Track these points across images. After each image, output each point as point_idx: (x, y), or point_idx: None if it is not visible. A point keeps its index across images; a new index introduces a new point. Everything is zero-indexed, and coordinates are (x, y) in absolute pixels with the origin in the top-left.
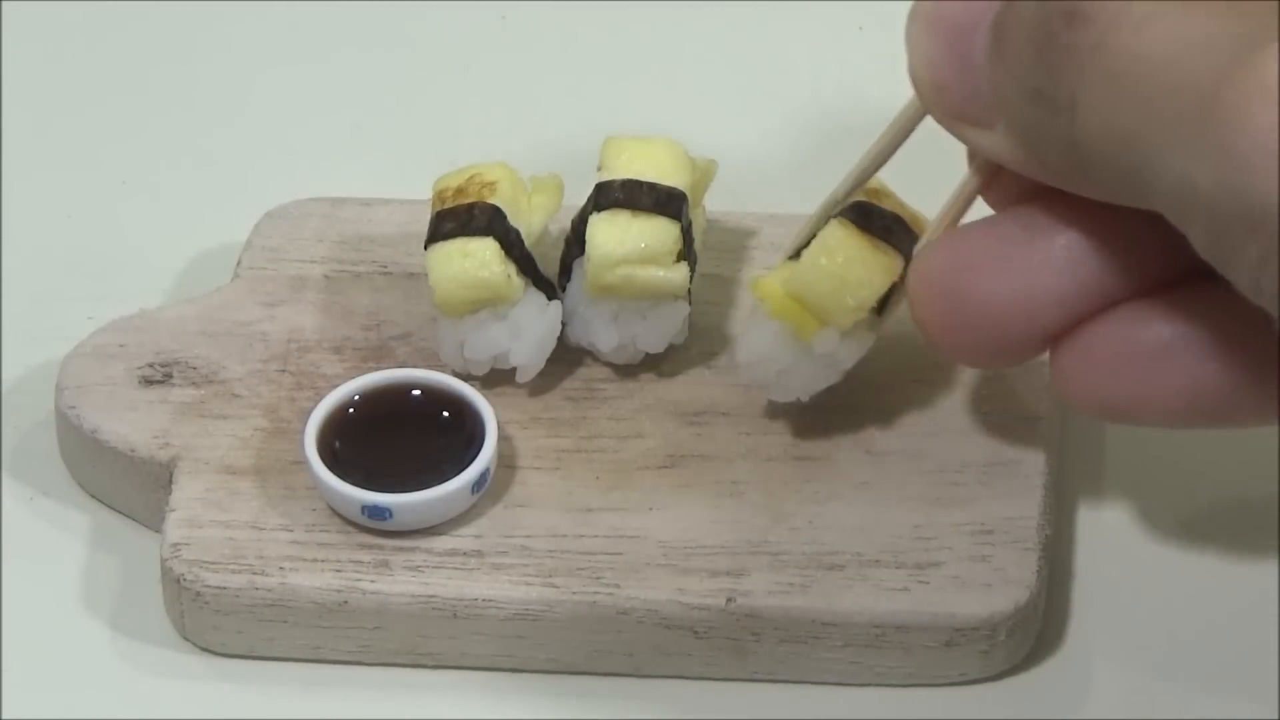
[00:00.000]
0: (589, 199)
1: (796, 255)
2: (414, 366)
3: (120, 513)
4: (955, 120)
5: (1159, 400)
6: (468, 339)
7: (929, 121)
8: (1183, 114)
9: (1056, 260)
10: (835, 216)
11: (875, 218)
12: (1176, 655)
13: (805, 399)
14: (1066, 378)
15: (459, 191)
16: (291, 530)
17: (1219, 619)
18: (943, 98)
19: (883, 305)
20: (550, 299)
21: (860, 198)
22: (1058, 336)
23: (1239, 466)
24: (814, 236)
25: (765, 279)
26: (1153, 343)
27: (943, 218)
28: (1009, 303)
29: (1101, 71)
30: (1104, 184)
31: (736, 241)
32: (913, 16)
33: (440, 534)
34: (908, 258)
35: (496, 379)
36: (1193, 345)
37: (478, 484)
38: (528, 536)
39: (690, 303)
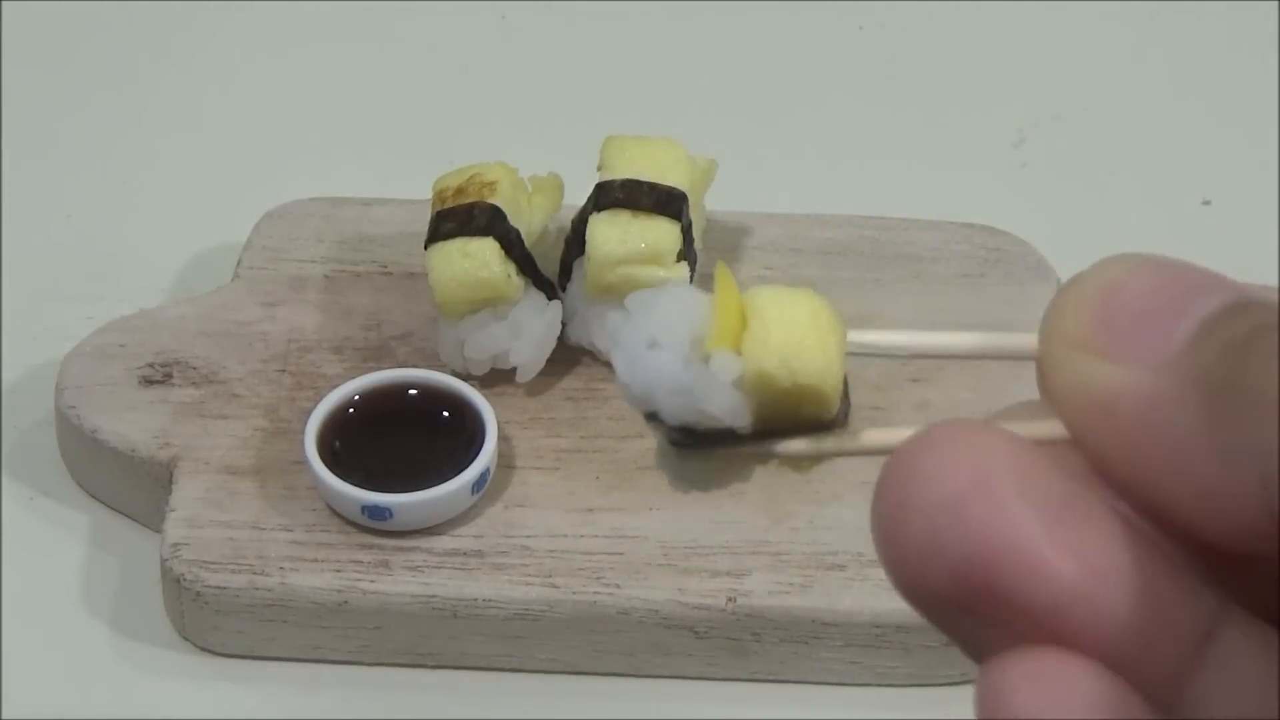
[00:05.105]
0: (589, 199)
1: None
2: (414, 366)
3: (120, 513)
4: (1077, 348)
5: None
6: (468, 339)
7: None
8: None
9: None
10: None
11: None
12: None
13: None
14: None
15: (459, 191)
16: (291, 530)
17: None
18: (1076, 327)
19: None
20: (550, 299)
21: None
22: None
23: None
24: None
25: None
26: None
27: None
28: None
29: None
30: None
31: (736, 241)
32: (1082, 283)
33: (440, 534)
34: None
35: (496, 379)
36: None
37: (478, 484)
38: (528, 536)
39: None
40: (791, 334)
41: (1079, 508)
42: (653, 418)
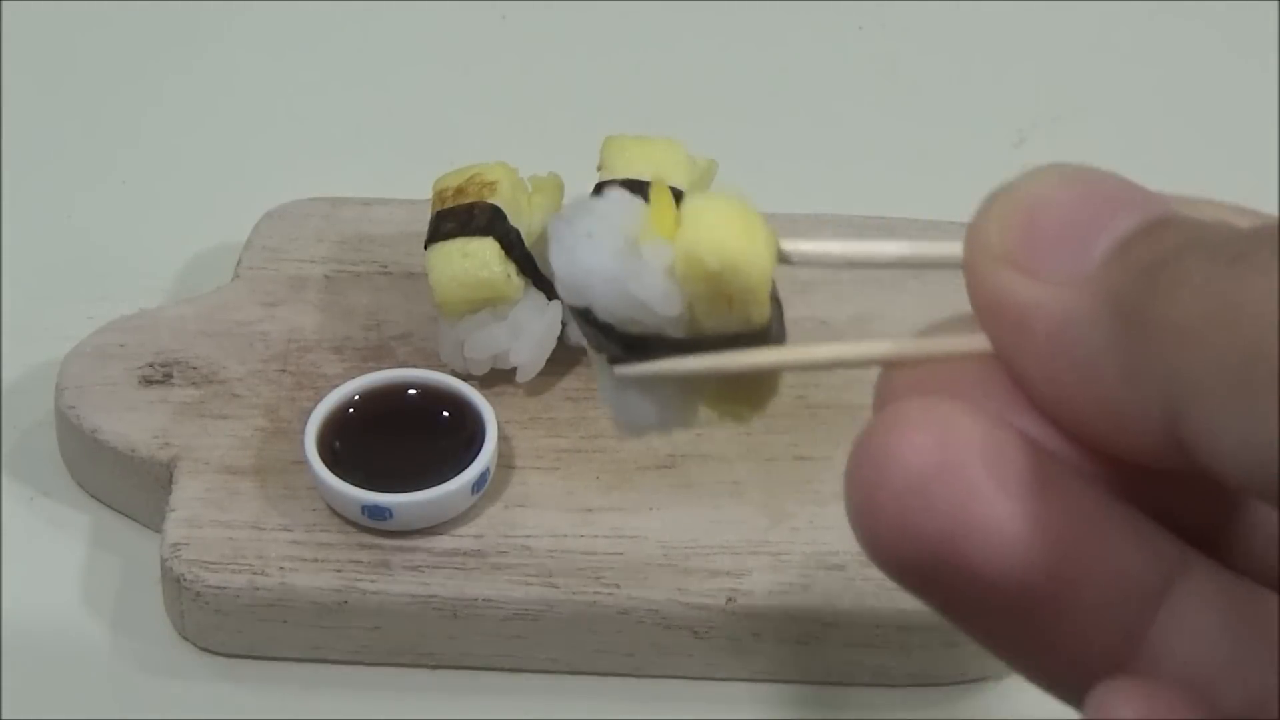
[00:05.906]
0: None
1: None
2: (414, 366)
3: (120, 513)
4: (999, 261)
5: None
6: (468, 339)
7: None
8: None
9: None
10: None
11: None
12: None
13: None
14: None
15: (459, 191)
16: (291, 530)
17: None
18: (999, 240)
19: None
20: (550, 299)
21: None
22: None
23: None
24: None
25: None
26: None
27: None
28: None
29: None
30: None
31: None
32: (1006, 195)
33: (440, 534)
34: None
35: (496, 379)
36: None
37: (478, 484)
38: (528, 536)
39: None
40: (720, 222)
41: (1043, 481)
42: (587, 317)
